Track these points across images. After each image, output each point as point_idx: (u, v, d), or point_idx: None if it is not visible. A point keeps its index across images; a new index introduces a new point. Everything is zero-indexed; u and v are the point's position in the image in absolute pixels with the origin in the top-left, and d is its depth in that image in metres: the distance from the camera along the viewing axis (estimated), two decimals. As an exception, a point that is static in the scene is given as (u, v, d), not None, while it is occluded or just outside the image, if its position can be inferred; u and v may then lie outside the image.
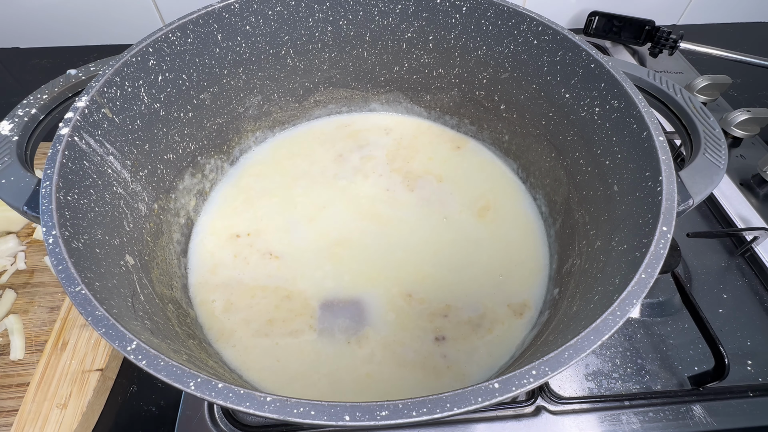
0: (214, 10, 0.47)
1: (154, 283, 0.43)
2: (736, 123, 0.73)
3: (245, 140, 0.62)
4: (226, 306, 0.49)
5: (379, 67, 0.62)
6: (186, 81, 0.48)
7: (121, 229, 0.41)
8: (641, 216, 0.36)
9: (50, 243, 0.30)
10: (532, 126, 0.55)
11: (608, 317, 0.28)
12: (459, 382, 0.44)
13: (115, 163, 0.41)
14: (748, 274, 0.58)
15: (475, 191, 0.59)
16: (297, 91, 0.62)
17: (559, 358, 0.26)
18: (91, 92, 0.38)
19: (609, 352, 0.51)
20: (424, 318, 0.48)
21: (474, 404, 0.24)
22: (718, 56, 0.81)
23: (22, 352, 0.49)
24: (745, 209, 0.64)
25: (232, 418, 0.46)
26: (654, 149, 0.37)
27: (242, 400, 0.24)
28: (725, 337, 0.51)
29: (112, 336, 0.27)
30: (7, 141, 0.38)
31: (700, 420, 0.47)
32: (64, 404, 0.45)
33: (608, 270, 0.37)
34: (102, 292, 0.31)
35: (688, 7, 0.98)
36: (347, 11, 0.54)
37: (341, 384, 0.44)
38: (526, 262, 0.52)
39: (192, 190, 0.55)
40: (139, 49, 0.42)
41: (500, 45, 0.52)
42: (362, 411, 0.24)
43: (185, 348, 0.37)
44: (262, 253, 0.53)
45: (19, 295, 0.53)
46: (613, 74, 0.42)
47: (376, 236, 0.54)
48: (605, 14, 0.90)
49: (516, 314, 0.48)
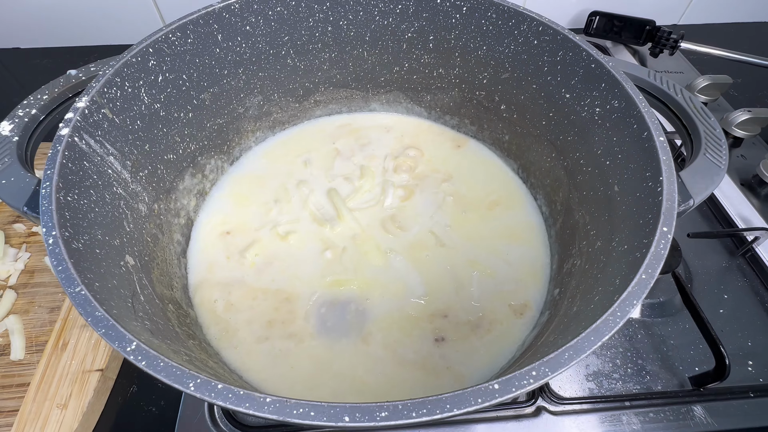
0: (215, 10, 0.47)
1: (154, 283, 0.43)
2: (737, 123, 0.73)
3: (245, 140, 0.62)
4: (226, 306, 0.48)
5: (379, 67, 0.62)
6: (186, 81, 0.48)
7: (121, 229, 0.41)
8: (642, 216, 0.36)
9: (50, 243, 0.30)
10: (533, 126, 0.55)
11: (609, 318, 0.28)
12: (459, 383, 0.44)
13: (115, 164, 0.41)
14: (748, 274, 0.58)
15: (478, 190, 0.59)
16: (297, 92, 0.62)
17: (559, 358, 0.26)
18: (91, 93, 0.38)
19: (609, 352, 0.51)
20: (424, 319, 0.48)
21: (474, 405, 0.24)
22: (719, 56, 0.81)
23: (22, 352, 0.49)
24: (745, 209, 0.64)
25: (232, 418, 0.46)
26: (654, 149, 0.37)
27: (242, 401, 0.24)
28: (726, 337, 0.51)
29: (111, 337, 0.27)
30: (7, 141, 0.38)
31: (701, 420, 0.47)
32: (65, 404, 0.45)
33: (609, 270, 0.37)
34: (102, 293, 0.31)
35: (688, 6, 0.98)
36: (347, 11, 0.54)
37: (342, 383, 0.44)
38: (526, 262, 0.52)
39: (192, 190, 0.55)
40: (140, 50, 0.42)
41: (500, 45, 0.52)
42: (362, 412, 0.24)
43: (185, 348, 0.37)
44: (262, 254, 0.53)
45: (20, 295, 0.53)
46: (614, 74, 0.42)
47: (377, 236, 0.54)
48: (606, 14, 0.90)
49: (516, 314, 0.48)
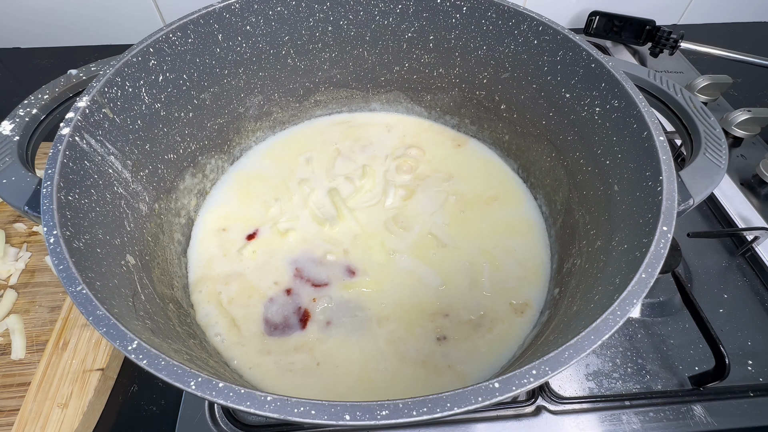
0: (215, 10, 0.47)
1: (155, 282, 0.43)
2: (737, 123, 0.73)
3: (246, 140, 0.62)
4: (226, 302, 0.48)
5: (379, 67, 0.62)
6: (187, 81, 0.48)
7: (122, 228, 0.41)
8: (641, 216, 0.36)
9: (51, 243, 0.30)
10: (533, 126, 0.55)
11: (608, 317, 0.28)
12: (459, 382, 0.44)
13: (116, 163, 0.41)
14: (748, 274, 0.58)
15: (479, 188, 0.59)
16: (297, 91, 0.62)
17: (559, 357, 0.26)
18: (92, 92, 0.39)
19: (609, 351, 0.51)
20: (425, 318, 0.48)
21: (474, 404, 0.24)
22: (719, 56, 0.81)
23: (23, 351, 0.49)
24: (745, 209, 0.64)
25: (232, 417, 0.46)
26: (654, 149, 0.37)
27: (243, 400, 0.24)
28: (726, 337, 0.51)
29: (113, 335, 0.27)
30: (8, 141, 0.39)
31: (701, 420, 0.47)
32: (65, 404, 0.45)
33: (608, 270, 0.37)
34: (103, 292, 0.31)
35: (688, 6, 0.98)
36: (348, 11, 0.54)
37: (344, 380, 0.44)
38: (526, 261, 0.52)
39: (193, 189, 0.55)
40: (140, 49, 0.42)
41: (501, 45, 0.52)
42: (362, 410, 0.24)
43: (186, 347, 0.37)
44: (263, 253, 0.53)
45: (20, 295, 0.53)
46: (614, 74, 0.42)
47: (377, 236, 0.54)
48: (606, 14, 0.90)
49: (517, 313, 0.48)
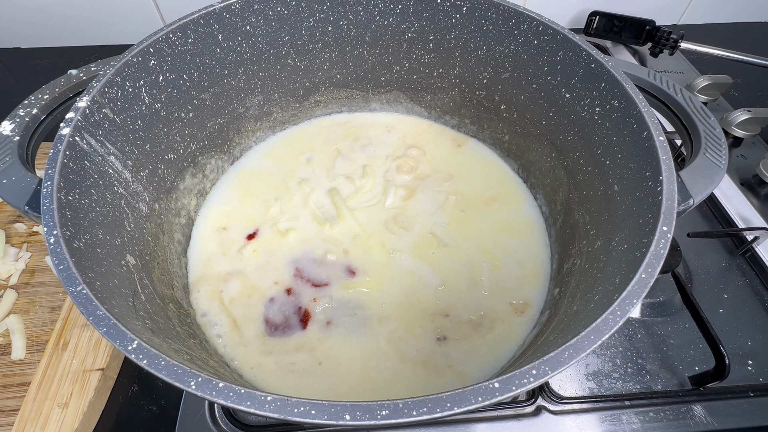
0: (215, 10, 0.47)
1: (155, 282, 0.43)
2: (737, 123, 0.73)
3: (246, 140, 0.62)
4: (227, 302, 0.48)
5: (379, 67, 0.62)
6: (187, 81, 0.48)
7: (122, 228, 0.41)
8: (641, 216, 0.36)
9: (51, 243, 0.30)
10: (533, 126, 0.55)
11: (608, 317, 0.28)
12: (460, 381, 0.44)
13: (116, 163, 0.41)
14: (748, 274, 0.58)
15: (479, 188, 0.59)
16: (297, 91, 0.62)
17: (559, 357, 0.26)
18: (92, 92, 0.39)
19: (609, 351, 0.51)
20: (425, 317, 0.48)
21: (474, 404, 0.24)
22: (719, 56, 0.81)
23: (23, 351, 0.49)
24: (745, 209, 0.64)
25: (233, 417, 0.46)
26: (654, 149, 0.37)
27: (243, 400, 0.24)
28: (726, 337, 0.51)
29: (113, 335, 0.27)
30: (8, 141, 0.39)
31: (701, 420, 0.47)
32: (66, 404, 0.45)
33: (608, 270, 0.37)
34: (103, 292, 0.31)
35: (688, 6, 0.98)
36: (348, 11, 0.54)
37: (345, 380, 0.44)
38: (526, 261, 0.52)
39: (193, 189, 0.55)
40: (140, 50, 0.42)
41: (501, 45, 0.52)
42: (362, 410, 0.24)
43: (186, 347, 0.37)
44: (263, 253, 0.53)
45: (21, 295, 0.53)
46: (614, 74, 0.42)
47: (377, 236, 0.54)
48: (606, 14, 0.90)
49: (517, 313, 0.48)
